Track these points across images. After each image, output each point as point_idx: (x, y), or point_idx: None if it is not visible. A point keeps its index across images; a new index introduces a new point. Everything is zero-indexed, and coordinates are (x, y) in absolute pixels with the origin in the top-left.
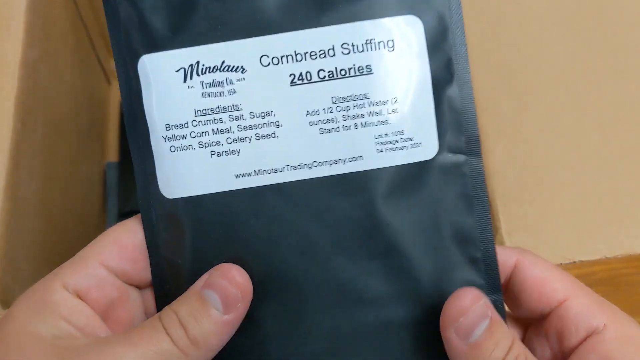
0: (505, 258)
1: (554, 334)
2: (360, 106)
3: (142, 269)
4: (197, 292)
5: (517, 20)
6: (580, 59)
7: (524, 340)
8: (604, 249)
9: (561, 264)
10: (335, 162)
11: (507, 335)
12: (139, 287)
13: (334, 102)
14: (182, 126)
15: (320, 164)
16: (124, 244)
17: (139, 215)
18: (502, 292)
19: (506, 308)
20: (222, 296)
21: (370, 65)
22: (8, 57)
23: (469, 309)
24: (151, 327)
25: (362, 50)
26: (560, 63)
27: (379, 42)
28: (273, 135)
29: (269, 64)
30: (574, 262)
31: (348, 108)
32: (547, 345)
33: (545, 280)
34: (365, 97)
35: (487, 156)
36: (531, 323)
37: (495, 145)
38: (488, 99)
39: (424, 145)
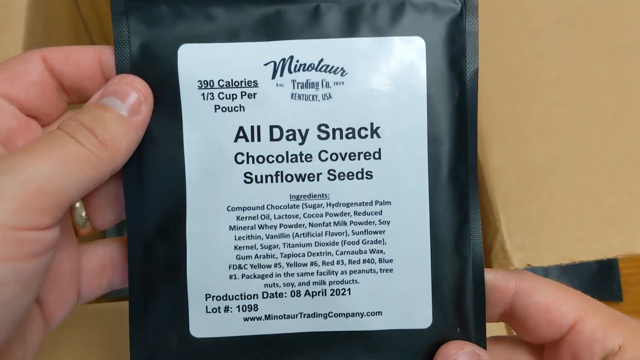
0: (505, 283)
1: (570, 359)
2: None
3: (38, 98)
4: (96, 102)
5: (517, 20)
6: (580, 59)
7: None
8: (604, 249)
9: (561, 264)
10: None
11: None
12: (39, 121)
13: None
14: None
15: None
16: (17, 72)
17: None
18: (507, 319)
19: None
20: (124, 99)
21: None
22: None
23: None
24: (52, 136)
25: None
26: (560, 63)
27: None
28: None
29: None
30: (574, 262)
31: None
32: None
33: (551, 306)
34: None
35: (487, 156)
36: (545, 346)
37: (495, 145)
38: (488, 99)
39: None
